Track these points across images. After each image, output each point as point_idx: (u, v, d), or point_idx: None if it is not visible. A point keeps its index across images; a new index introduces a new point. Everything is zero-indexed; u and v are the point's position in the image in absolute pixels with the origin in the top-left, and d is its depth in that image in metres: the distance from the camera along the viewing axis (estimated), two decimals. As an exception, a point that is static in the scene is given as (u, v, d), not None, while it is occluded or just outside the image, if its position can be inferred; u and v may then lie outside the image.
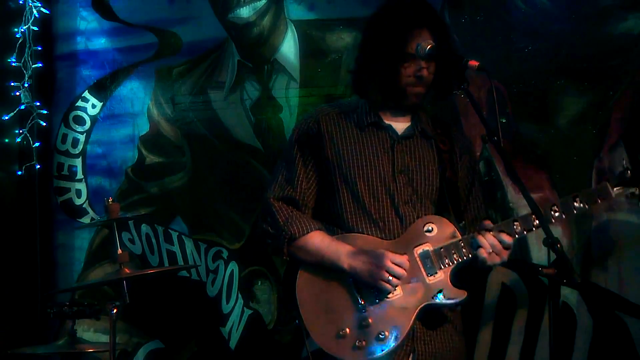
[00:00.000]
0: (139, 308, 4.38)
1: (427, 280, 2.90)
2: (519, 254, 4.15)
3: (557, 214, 2.95)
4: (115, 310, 3.64)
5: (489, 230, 2.88)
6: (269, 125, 4.75)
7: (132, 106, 5.10)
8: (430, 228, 2.95)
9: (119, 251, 3.72)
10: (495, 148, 2.78)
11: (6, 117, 5.10)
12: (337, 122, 3.08)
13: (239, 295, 4.76)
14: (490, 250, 2.86)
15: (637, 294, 3.94)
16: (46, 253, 5.22)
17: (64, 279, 5.21)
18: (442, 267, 2.90)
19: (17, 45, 5.11)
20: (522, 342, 4.11)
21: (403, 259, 2.87)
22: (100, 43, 5.18)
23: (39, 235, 5.18)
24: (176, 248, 4.94)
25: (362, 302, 2.89)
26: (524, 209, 4.02)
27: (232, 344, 4.78)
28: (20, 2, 5.15)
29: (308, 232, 2.97)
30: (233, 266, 4.79)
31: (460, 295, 2.90)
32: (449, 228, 2.95)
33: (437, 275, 2.90)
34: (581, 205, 2.96)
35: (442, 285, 2.90)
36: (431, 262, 2.90)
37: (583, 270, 4.00)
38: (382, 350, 2.85)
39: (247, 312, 4.74)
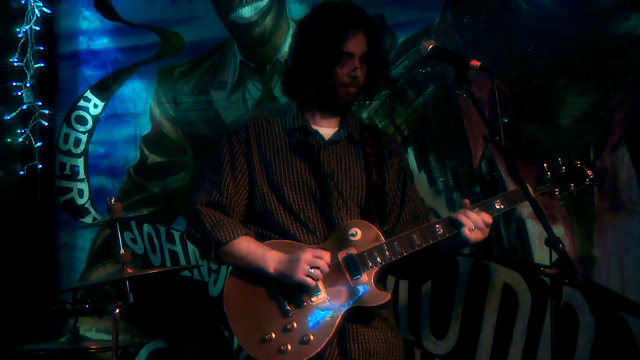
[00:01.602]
0: (141, 308, 4.35)
1: (351, 284, 2.91)
2: (520, 253, 4.16)
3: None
4: (117, 310, 3.64)
5: (470, 209, 2.89)
6: (270, 125, 4.76)
7: (134, 106, 5.11)
8: (354, 232, 2.95)
9: (121, 251, 3.71)
10: (497, 148, 2.75)
11: (8, 117, 5.11)
12: (265, 127, 3.10)
13: (241, 295, 4.77)
14: (473, 227, 2.86)
15: (639, 293, 3.94)
16: (48, 253, 5.23)
17: (66, 278, 5.22)
18: (366, 269, 2.91)
19: (19, 45, 5.13)
20: (524, 342, 4.11)
21: (323, 253, 2.89)
22: (103, 43, 5.19)
23: (41, 235, 5.19)
24: (178, 248, 4.95)
25: (288, 307, 2.91)
26: (525, 209, 4.03)
27: (234, 344, 4.79)
28: (22, 2, 5.17)
29: (235, 238, 2.98)
30: (235, 266, 4.81)
31: (383, 297, 2.91)
32: (373, 232, 2.96)
33: (360, 279, 2.90)
34: (502, 207, 2.93)
35: (366, 287, 2.91)
36: (355, 265, 2.91)
37: (585, 270, 4.00)
38: (306, 354, 2.86)
39: (249, 312, 4.76)
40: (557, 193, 2.94)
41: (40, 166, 5.15)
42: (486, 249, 4.18)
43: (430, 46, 2.86)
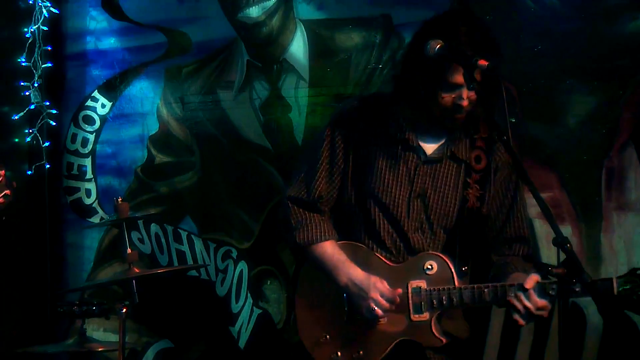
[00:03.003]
0: (148, 307, 4.40)
1: (412, 318, 2.90)
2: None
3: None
4: (124, 310, 3.66)
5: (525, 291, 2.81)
6: (278, 125, 4.76)
7: (141, 106, 5.11)
8: (430, 266, 2.92)
9: (129, 251, 3.73)
10: (504, 147, 2.78)
11: (16, 117, 5.11)
12: (369, 126, 3.00)
13: (248, 295, 4.78)
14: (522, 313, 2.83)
15: (647, 294, 3.95)
16: (56, 252, 5.24)
17: (73, 278, 5.22)
18: (429, 309, 2.89)
19: (27, 45, 5.12)
20: (532, 342, 4.11)
21: (393, 295, 2.86)
22: (110, 43, 5.19)
23: (48, 234, 5.20)
24: (185, 247, 4.95)
25: (350, 317, 2.93)
26: (533, 209, 4.02)
27: (242, 343, 4.80)
28: (30, 2, 5.16)
29: (314, 243, 2.99)
30: (242, 265, 4.80)
31: (436, 342, 2.90)
32: (448, 272, 2.91)
33: (422, 315, 2.90)
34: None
35: (424, 326, 2.90)
36: (420, 300, 2.89)
37: (593, 270, 3.99)
38: None
39: (257, 311, 4.76)
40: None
41: (47, 166, 5.16)
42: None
43: (438, 46, 2.82)
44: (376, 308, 2.84)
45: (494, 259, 3.06)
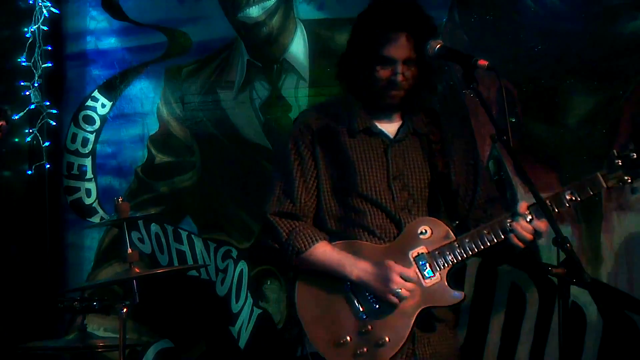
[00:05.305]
0: (148, 307, 4.36)
1: (424, 284, 2.91)
2: (528, 253, 4.15)
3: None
4: (125, 310, 3.66)
5: (523, 216, 2.88)
6: (278, 125, 4.77)
7: (141, 106, 5.13)
8: (424, 230, 2.95)
9: (129, 250, 3.73)
10: (504, 147, 2.76)
11: (16, 117, 5.11)
12: (329, 128, 3.06)
13: (248, 295, 4.79)
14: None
15: (646, 293, 3.95)
16: (56, 252, 5.25)
17: (73, 278, 5.24)
18: (438, 269, 2.92)
19: (27, 45, 5.14)
20: (532, 342, 4.11)
21: (410, 272, 2.88)
22: (110, 43, 5.21)
23: (49, 234, 5.22)
24: (186, 247, 4.96)
25: (362, 310, 2.92)
26: (533, 209, 4.03)
27: (242, 343, 4.81)
28: (30, 1, 5.19)
29: (313, 245, 2.98)
30: (242, 265, 4.81)
31: (456, 297, 2.92)
32: (443, 229, 2.96)
33: (433, 278, 2.91)
34: (573, 198, 2.92)
35: (439, 287, 2.91)
36: (427, 265, 2.91)
37: (593, 270, 4.00)
38: (382, 357, 2.88)
39: (257, 311, 4.76)
40: (629, 181, 2.88)
41: (48, 166, 5.18)
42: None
43: (438, 46, 2.86)
44: (401, 289, 2.85)
45: (473, 225, 3.06)
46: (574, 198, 2.91)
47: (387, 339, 2.88)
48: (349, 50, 3.07)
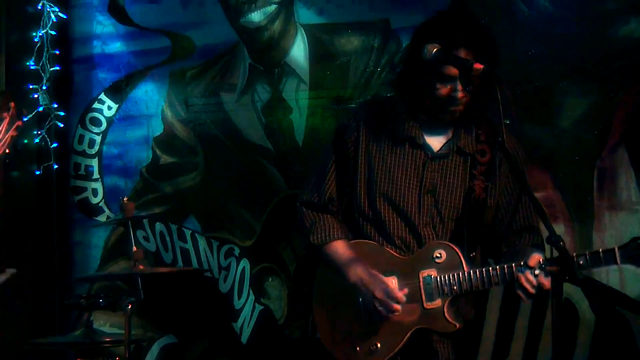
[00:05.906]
0: (153, 304, 4.40)
1: (425, 305, 2.92)
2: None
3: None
4: (130, 306, 3.71)
5: (531, 269, 2.80)
6: (279, 127, 4.81)
7: (146, 108, 5.16)
8: (439, 255, 2.93)
9: (134, 249, 3.79)
10: (499, 149, 2.83)
11: (25, 119, 5.08)
12: (375, 131, 3.03)
13: (250, 292, 4.83)
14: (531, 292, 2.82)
15: (637, 290, 3.99)
16: (64, 250, 5.28)
17: (81, 275, 5.24)
18: (441, 296, 2.91)
19: (36, 49, 5.16)
20: (526, 338, 4.16)
21: (399, 296, 2.87)
22: (116, 47, 5.24)
23: (56, 233, 5.25)
24: (189, 245, 4.99)
25: (364, 311, 2.96)
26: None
27: (244, 338, 4.84)
28: (39, 7, 5.20)
29: (326, 242, 3.04)
30: (244, 263, 4.85)
31: (450, 327, 2.91)
32: (457, 258, 2.92)
33: (434, 303, 2.91)
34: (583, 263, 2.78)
35: (437, 313, 2.91)
36: (432, 288, 2.91)
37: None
38: None
39: (258, 307, 4.80)
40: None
41: (55, 166, 5.19)
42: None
43: (435, 49, 2.81)
44: (380, 308, 2.88)
45: (504, 249, 3.06)
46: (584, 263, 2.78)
47: (378, 345, 2.93)
48: (408, 64, 2.98)
